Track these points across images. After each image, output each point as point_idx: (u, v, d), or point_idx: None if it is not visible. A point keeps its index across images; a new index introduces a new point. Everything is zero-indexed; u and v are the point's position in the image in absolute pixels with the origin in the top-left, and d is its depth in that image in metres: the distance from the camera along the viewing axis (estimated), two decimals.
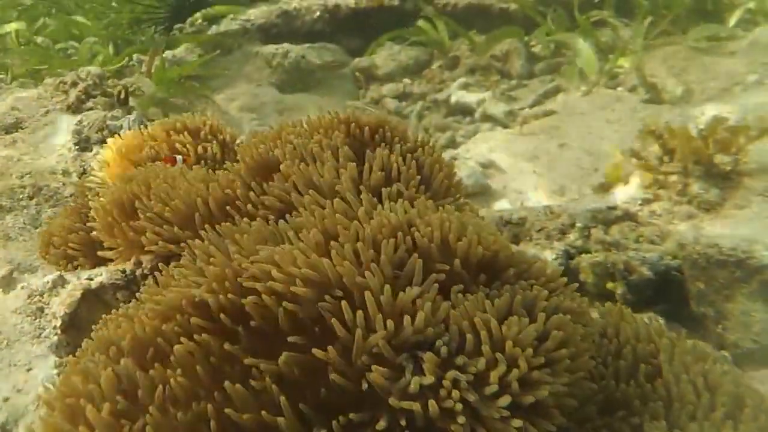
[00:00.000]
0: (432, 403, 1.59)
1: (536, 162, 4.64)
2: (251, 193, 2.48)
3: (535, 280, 1.94)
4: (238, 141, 3.28)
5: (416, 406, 1.60)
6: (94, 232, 2.87)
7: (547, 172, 4.52)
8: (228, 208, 2.49)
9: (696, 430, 1.80)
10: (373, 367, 1.66)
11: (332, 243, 1.93)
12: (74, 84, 4.61)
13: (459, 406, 1.58)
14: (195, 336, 1.82)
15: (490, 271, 1.93)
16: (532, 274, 1.98)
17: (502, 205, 4.25)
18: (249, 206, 2.45)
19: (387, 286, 1.75)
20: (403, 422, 1.63)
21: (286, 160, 2.45)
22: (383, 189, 2.31)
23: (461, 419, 1.58)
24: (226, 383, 1.71)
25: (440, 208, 2.13)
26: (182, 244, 2.51)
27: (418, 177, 2.43)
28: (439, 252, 1.92)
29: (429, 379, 1.62)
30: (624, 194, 3.40)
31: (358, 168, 2.39)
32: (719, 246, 2.93)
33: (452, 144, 5.28)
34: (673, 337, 2.11)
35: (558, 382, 1.68)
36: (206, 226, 2.26)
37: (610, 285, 2.98)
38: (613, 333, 2.15)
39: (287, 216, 2.23)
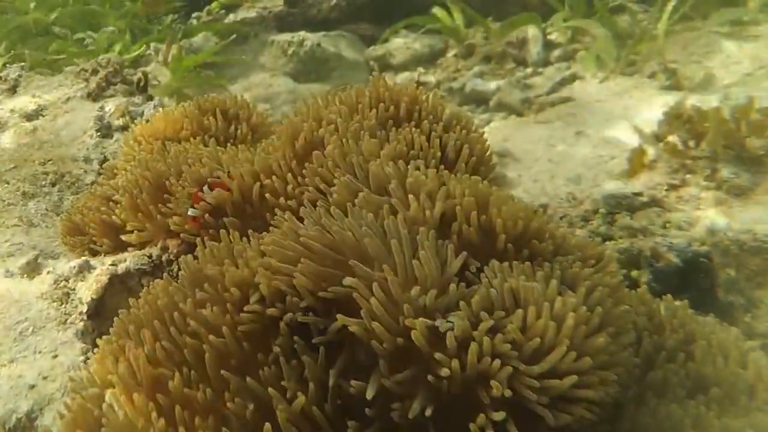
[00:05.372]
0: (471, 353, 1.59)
1: (552, 150, 4.60)
2: (289, 175, 2.48)
3: (574, 256, 1.93)
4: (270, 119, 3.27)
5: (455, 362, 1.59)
6: (114, 217, 2.85)
7: (563, 161, 4.48)
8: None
9: (737, 414, 1.79)
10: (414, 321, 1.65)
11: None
12: (95, 71, 4.61)
13: (497, 363, 1.57)
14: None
15: (528, 246, 1.93)
16: (571, 249, 1.97)
17: (518, 194, 4.21)
18: (289, 187, 2.45)
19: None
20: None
21: (329, 143, 2.46)
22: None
23: (502, 374, 1.57)
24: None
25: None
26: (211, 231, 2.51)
27: (439, 154, 2.44)
28: (479, 227, 1.92)
29: (464, 325, 1.62)
30: (649, 180, 3.36)
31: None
32: (754, 232, 2.88)
33: None
34: (709, 321, 2.10)
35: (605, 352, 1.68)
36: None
37: (635, 273, 2.91)
38: (645, 317, 2.13)
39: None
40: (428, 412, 1.61)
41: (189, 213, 2.53)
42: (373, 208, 1.98)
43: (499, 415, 1.56)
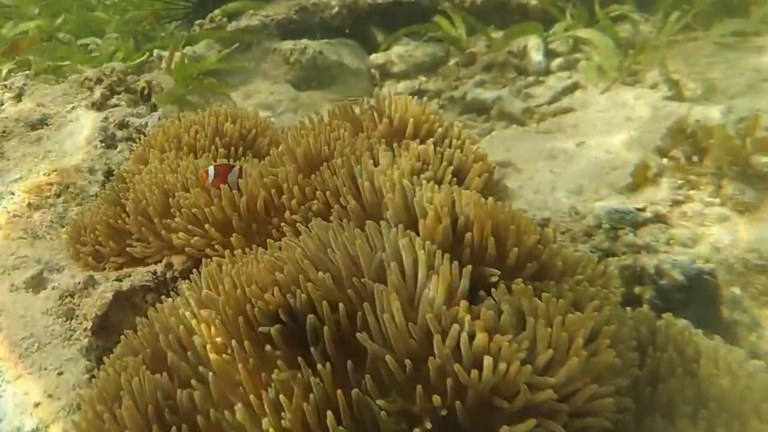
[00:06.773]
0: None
1: (554, 161, 4.59)
2: (296, 188, 2.49)
3: (581, 276, 1.95)
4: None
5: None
6: (121, 221, 2.86)
7: (565, 172, 4.46)
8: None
9: None
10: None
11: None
12: (99, 80, 4.60)
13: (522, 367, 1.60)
14: None
15: (538, 262, 1.95)
16: (576, 267, 1.99)
17: (520, 206, 4.19)
18: (293, 202, 2.46)
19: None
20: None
21: (336, 158, 2.47)
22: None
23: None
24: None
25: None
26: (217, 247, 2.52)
27: (450, 167, 2.45)
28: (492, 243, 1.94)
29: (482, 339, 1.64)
30: (653, 194, 3.35)
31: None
32: (759, 250, 2.87)
33: None
34: (713, 342, 2.10)
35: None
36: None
37: (638, 290, 2.91)
38: (649, 335, 2.14)
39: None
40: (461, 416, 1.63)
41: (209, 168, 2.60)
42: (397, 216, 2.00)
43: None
